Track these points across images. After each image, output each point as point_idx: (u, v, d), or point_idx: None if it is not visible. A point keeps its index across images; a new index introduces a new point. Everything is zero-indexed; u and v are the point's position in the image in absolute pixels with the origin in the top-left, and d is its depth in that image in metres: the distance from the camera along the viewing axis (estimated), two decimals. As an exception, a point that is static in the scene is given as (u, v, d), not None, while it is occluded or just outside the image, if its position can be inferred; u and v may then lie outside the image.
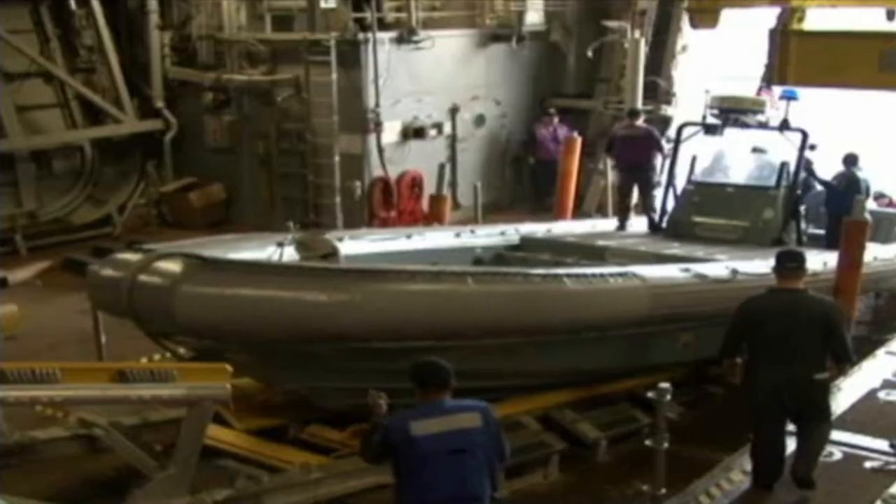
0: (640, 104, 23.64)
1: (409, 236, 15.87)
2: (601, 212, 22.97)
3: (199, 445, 10.28)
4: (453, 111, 23.98)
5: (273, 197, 23.43)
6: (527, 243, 17.00)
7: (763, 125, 18.30)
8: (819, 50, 12.14)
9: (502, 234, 17.17)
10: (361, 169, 22.29)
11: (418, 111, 23.16)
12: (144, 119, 24.22)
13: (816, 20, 13.35)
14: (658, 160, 19.77)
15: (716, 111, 18.39)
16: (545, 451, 12.59)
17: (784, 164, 17.84)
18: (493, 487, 8.29)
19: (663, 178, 19.49)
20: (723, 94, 18.33)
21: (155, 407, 11.68)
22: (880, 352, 14.23)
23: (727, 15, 14.62)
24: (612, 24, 25.13)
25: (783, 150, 18.08)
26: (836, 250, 15.02)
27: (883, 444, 10.99)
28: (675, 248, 16.80)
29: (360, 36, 21.82)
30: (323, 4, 22.49)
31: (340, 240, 13.66)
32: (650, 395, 10.44)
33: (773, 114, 18.14)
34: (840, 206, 16.67)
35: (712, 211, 17.96)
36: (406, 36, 22.49)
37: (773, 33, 11.99)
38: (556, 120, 24.85)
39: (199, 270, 10.85)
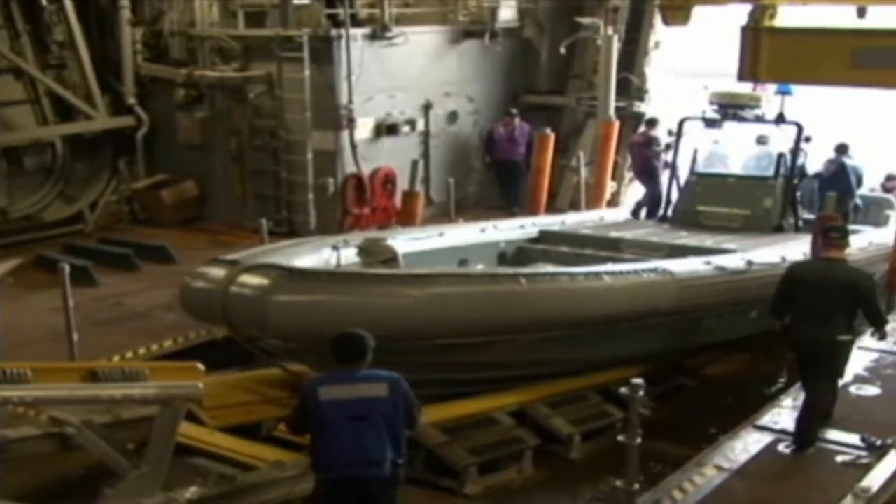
0: (612, 101, 23.73)
1: (441, 234, 16.65)
2: (574, 208, 23.00)
3: (171, 444, 10.24)
4: (426, 108, 23.96)
5: (246, 194, 23.36)
6: (545, 236, 17.99)
7: (760, 119, 19.51)
8: (791, 47, 12.16)
9: (522, 227, 18.17)
10: (334, 165, 22.24)
11: (391, 108, 23.12)
12: (116, 116, 24.05)
13: (788, 17, 13.38)
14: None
15: (715, 106, 19.54)
16: (519, 447, 12.62)
17: (781, 155, 19.14)
18: (398, 454, 8.83)
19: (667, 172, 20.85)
20: (721, 90, 19.33)
21: (128, 405, 11.63)
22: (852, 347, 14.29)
23: (699, 12, 14.66)
24: (585, 20, 25.18)
25: (780, 142, 19.46)
26: None
27: (854, 439, 11.05)
28: (685, 238, 17.94)
29: (333, 32, 21.74)
30: (296, 1, 22.46)
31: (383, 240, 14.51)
32: (623, 390, 10.45)
33: (769, 108, 19.36)
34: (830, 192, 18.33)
35: (715, 200, 19.19)
36: (379, 32, 22.44)
37: (744, 30, 11.99)
38: (517, 121, 24.49)
39: (287, 281, 11.88)
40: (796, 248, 15.78)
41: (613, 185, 24.37)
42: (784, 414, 11.80)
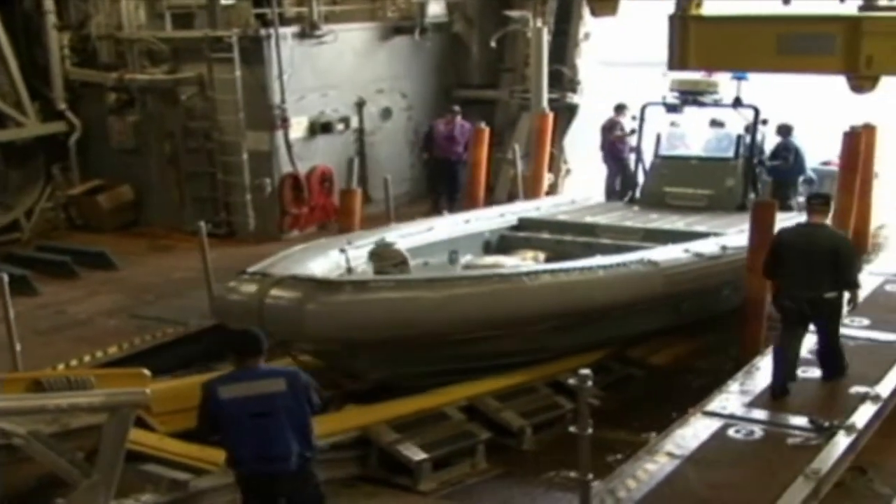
0: (545, 93, 23.78)
1: (430, 229, 17.58)
2: (512, 201, 23.01)
3: (121, 451, 10.12)
4: (359, 105, 23.89)
5: (182, 197, 23.21)
6: (525, 223, 18.92)
7: (718, 103, 20.71)
8: (718, 35, 12.21)
9: (502, 216, 19.14)
10: (270, 166, 22.16)
11: (324, 106, 23.06)
12: (47, 122, 23.76)
13: (715, 5, 13.48)
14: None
15: (676, 93, 20.63)
16: (471, 442, 12.68)
17: (740, 137, 20.46)
18: (306, 447, 9.03)
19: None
20: (681, 78, 19.98)
21: (75, 414, 11.53)
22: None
23: (627, 2, 14.73)
24: (514, 13, 25.19)
25: (737, 124, 20.72)
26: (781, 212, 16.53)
27: (803, 421, 11.16)
28: (656, 220, 19.03)
29: (263, 32, 21.67)
30: (223, 1, 22.34)
31: (383, 239, 15.65)
32: (571, 381, 10.49)
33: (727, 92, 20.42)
34: (776, 173, 20.67)
35: (680, 182, 20.44)
36: (308, 31, 22.37)
37: (672, 19, 12.05)
38: (458, 118, 23.85)
39: (317, 290, 12.99)
40: None
41: (550, 177, 24.40)
42: (732, 399, 11.93)
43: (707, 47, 12.00)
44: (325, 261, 14.94)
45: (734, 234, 16.82)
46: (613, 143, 23.42)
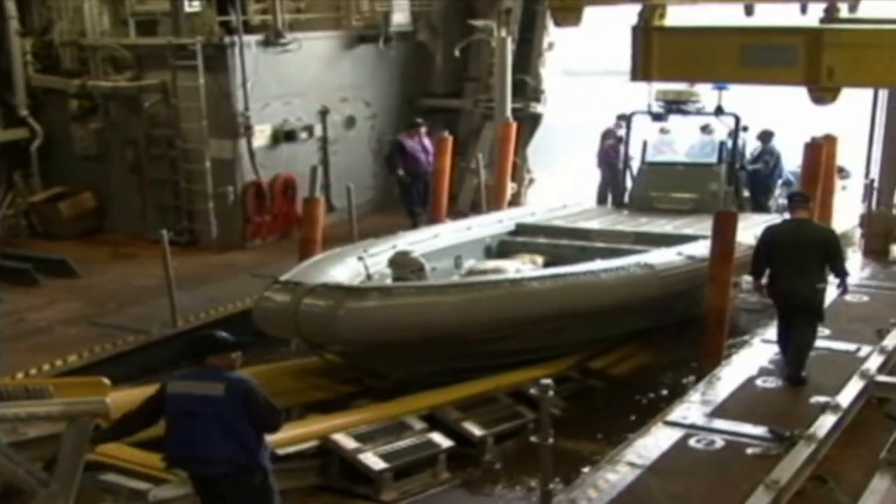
0: (509, 102, 23.84)
1: (436, 236, 18.52)
2: (475, 210, 23.07)
3: (80, 461, 10.06)
4: (323, 113, 23.86)
5: (145, 204, 23.08)
6: (522, 229, 19.83)
7: (700, 112, 21.89)
8: (681, 46, 12.19)
9: (500, 222, 20.08)
10: (233, 174, 22.08)
11: (288, 114, 23.01)
12: (9, 128, 23.60)
13: (678, 16, 13.51)
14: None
15: (661, 102, 21.76)
16: (432, 451, 12.66)
17: (723, 143, 21.82)
18: (245, 456, 8.95)
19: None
20: (665, 88, 21.16)
21: (34, 423, 11.44)
22: (756, 340, 14.54)
23: (591, 12, 14.75)
24: (478, 23, 25.25)
25: (720, 132, 22.28)
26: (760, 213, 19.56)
27: (763, 431, 11.20)
28: (645, 224, 20.10)
29: (227, 39, 21.58)
30: (187, 8, 22.27)
31: (394, 247, 16.94)
32: (532, 391, 10.49)
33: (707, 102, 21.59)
34: (756, 177, 22.30)
35: (666, 186, 21.61)
36: (273, 39, 22.30)
37: (635, 30, 12.05)
38: (423, 130, 23.41)
39: (347, 297, 13.96)
40: (744, 228, 16.57)
41: (513, 187, 24.45)
42: (693, 409, 11.98)
43: (670, 58, 11.98)
44: (345, 269, 15.83)
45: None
46: (607, 151, 23.94)
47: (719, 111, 21.50)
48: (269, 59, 22.31)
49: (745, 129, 22.01)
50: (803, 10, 15.47)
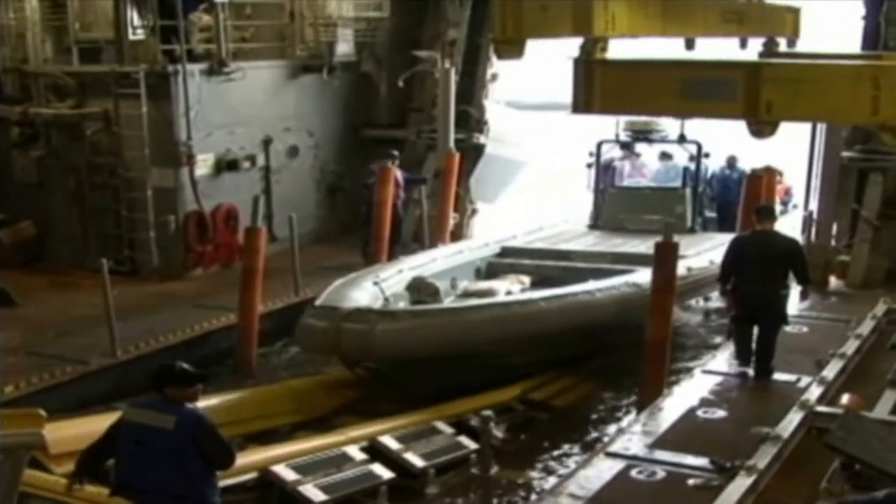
0: (452, 133, 23.91)
1: (434, 259, 20.26)
2: (418, 240, 23.08)
3: (14, 494, 9.95)
4: (266, 143, 23.77)
5: (86, 233, 22.84)
6: (507, 251, 21.61)
7: (664, 140, 24.42)
8: (623, 79, 12.24)
9: (486, 245, 21.87)
10: (175, 203, 21.91)
11: (231, 143, 22.91)
12: (-53, 155, 23.38)
13: (620, 50, 13.60)
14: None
15: (628, 132, 24.24)
16: (373, 483, 12.62)
17: (686, 169, 23.96)
18: (193, 492, 8.89)
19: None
20: (632, 119, 23.36)
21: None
22: (697, 371, 14.62)
23: (534, 45, 14.82)
24: (422, 53, 25.37)
25: (682, 157, 24.31)
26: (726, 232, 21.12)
27: (704, 462, 11.23)
28: (620, 244, 21.98)
29: (170, 68, 21.46)
30: (131, 36, 22.16)
31: (401, 271, 18.90)
32: (474, 422, 10.51)
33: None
34: (722, 199, 24.50)
35: (636, 209, 23.56)
36: (216, 68, 22.23)
37: (577, 63, 12.09)
38: (395, 164, 22.60)
39: (382, 319, 15.75)
40: (712, 247, 19.67)
41: (456, 217, 24.50)
42: (635, 440, 11.98)
43: (612, 91, 12.02)
44: (364, 292, 17.30)
45: (694, 257, 19.39)
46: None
47: (682, 139, 23.80)
48: (213, 88, 22.23)
49: (707, 155, 23.92)
50: (743, 44, 15.74)
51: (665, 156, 24.86)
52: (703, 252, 19.92)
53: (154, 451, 8.80)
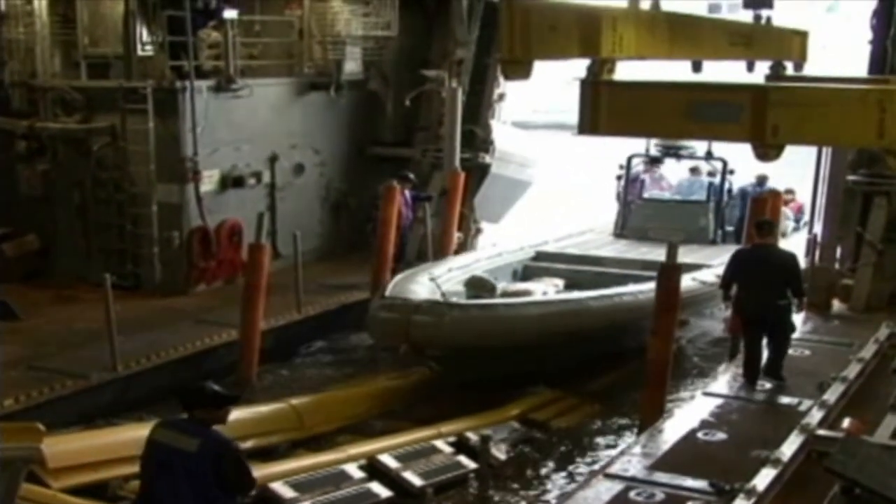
0: (458, 152, 23.95)
1: (477, 260, 22.17)
2: (422, 259, 23.06)
3: (12, 506, 9.95)
4: (272, 160, 23.75)
5: (90, 247, 22.82)
6: (542, 256, 23.34)
7: (692, 156, 26.02)
8: (629, 100, 12.24)
9: (521, 249, 23.50)
10: (180, 218, 21.89)
11: (237, 160, 22.91)
12: (-48, 168, 23.39)
13: (627, 71, 13.62)
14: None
15: (658, 147, 26.00)
16: (371, 502, 12.58)
17: (711, 184, 25.66)
18: None
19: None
20: None
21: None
22: (698, 393, 14.59)
23: (541, 66, 14.84)
24: (429, 73, 25.39)
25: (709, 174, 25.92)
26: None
27: (703, 484, 11.19)
28: (647, 252, 23.11)
29: (178, 84, 21.47)
30: (140, 52, 22.19)
31: (450, 270, 20.59)
32: (473, 442, 10.48)
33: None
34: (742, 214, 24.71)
35: (661, 220, 25.01)
36: (224, 84, 22.23)
37: (584, 84, 12.09)
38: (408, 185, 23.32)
39: (449, 310, 17.20)
40: None
41: (460, 236, 24.51)
42: (634, 462, 11.93)
43: (618, 112, 12.04)
44: (423, 287, 18.69)
45: (718, 267, 19.72)
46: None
47: (709, 156, 25.37)
48: (220, 105, 22.24)
49: (732, 171, 25.28)
50: (750, 67, 15.75)
51: (695, 171, 26.36)
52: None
53: (176, 473, 8.70)
